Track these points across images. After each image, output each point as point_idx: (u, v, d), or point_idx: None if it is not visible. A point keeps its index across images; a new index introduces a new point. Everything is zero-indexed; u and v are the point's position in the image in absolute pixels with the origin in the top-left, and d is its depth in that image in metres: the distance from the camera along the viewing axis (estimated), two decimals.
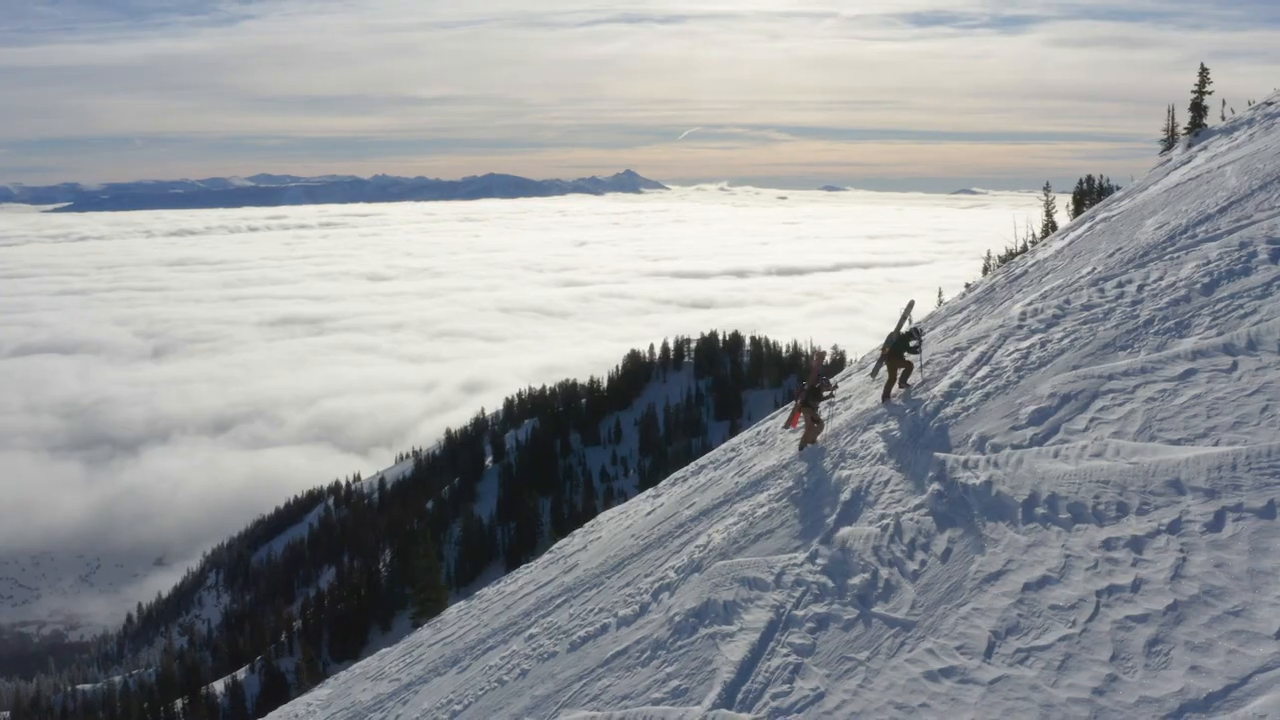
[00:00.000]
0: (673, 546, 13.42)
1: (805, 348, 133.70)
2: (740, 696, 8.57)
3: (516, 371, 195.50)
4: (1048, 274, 18.20)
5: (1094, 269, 16.03)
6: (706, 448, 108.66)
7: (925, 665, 7.72)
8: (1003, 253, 59.43)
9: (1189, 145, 26.96)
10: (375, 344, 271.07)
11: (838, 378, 20.94)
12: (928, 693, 7.38)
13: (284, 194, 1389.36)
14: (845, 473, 12.32)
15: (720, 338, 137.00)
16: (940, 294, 60.35)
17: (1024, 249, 56.52)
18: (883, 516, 10.56)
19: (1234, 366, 9.84)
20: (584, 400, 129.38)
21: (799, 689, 8.24)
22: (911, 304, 15.48)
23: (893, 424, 13.37)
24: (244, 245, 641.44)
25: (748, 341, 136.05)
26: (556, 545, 19.83)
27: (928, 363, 15.47)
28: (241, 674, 77.93)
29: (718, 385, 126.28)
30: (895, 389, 14.68)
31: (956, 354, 15.18)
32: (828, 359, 15.80)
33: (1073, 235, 21.72)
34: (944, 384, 13.78)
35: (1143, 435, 9.47)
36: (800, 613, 9.45)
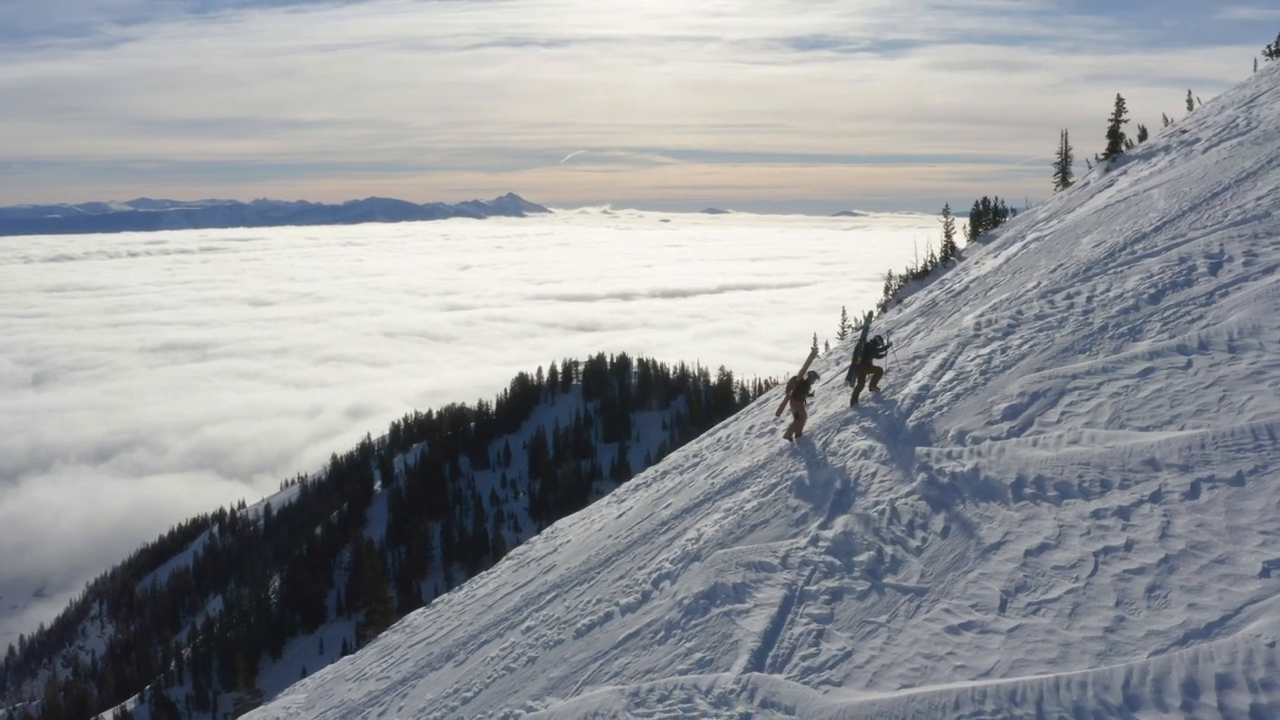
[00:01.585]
0: (660, 542, 14.54)
1: (693, 369, 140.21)
2: (769, 661, 9.73)
3: (401, 396, 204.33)
4: (991, 289, 19.98)
5: (1039, 283, 17.82)
6: (596, 470, 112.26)
7: (945, 622, 9.03)
8: (903, 273, 62.66)
9: (1107, 170, 29.43)
10: (259, 369, 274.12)
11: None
12: (951, 644, 8.68)
13: (164, 218, 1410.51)
14: (830, 468, 13.67)
15: (608, 360, 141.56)
16: (844, 313, 63.15)
17: (925, 270, 59.81)
18: (876, 503, 11.91)
19: (1189, 364, 11.50)
20: (473, 424, 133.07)
21: (826, 650, 9.46)
22: (871, 314, 17.00)
23: (868, 424, 14.80)
24: (124, 270, 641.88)
25: (635, 363, 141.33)
26: (516, 551, 20.72)
27: (888, 370, 17.00)
28: (131, 704, 79.73)
29: (606, 407, 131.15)
30: (864, 393, 16.14)
31: (917, 361, 16.74)
32: (820, 354, 17.20)
33: (1007, 254, 23.68)
34: (912, 388, 15.29)
35: (1113, 424, 11.04)
36: (813, 588, 10.68)
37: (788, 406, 16.12)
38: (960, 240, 59.84)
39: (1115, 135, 30.97)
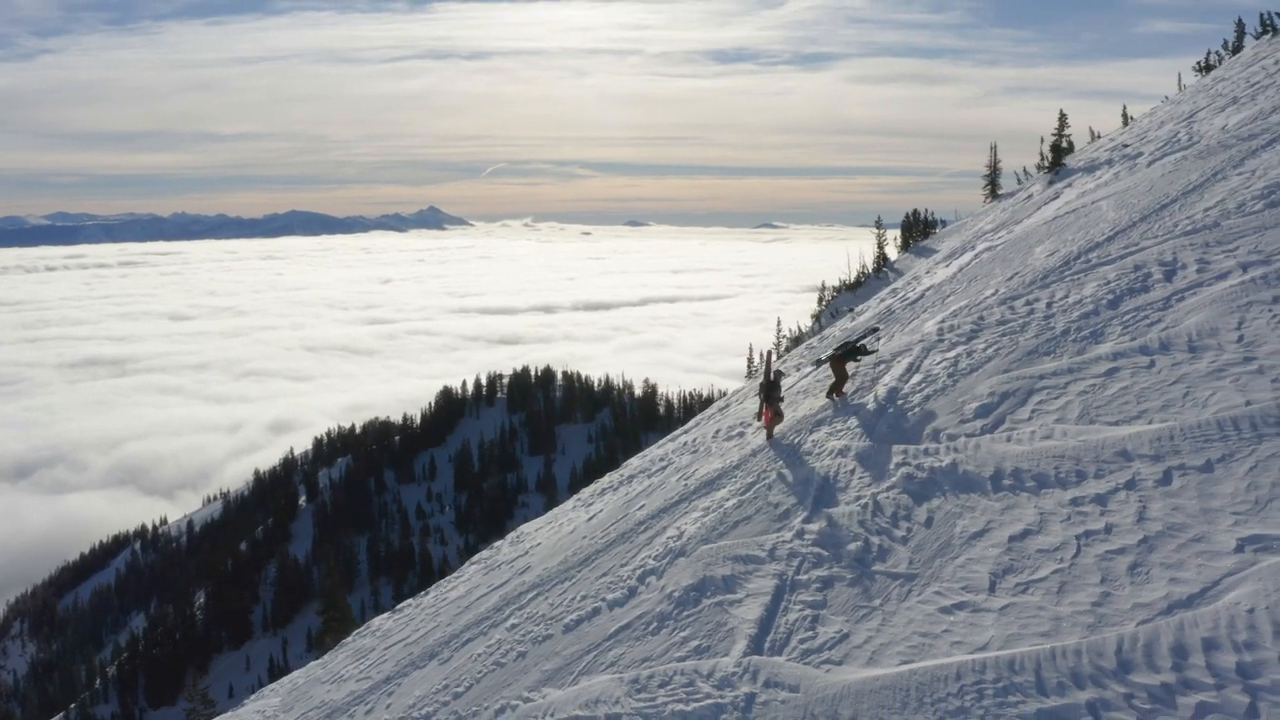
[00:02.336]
0: (639, 541, 15.10)
1: (617, 382, 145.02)
2: (767, 645, 10.34)
3: (324, 411, 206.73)
4: (948, 296, 20.92)
5: (997, 290, 18.76)
6: (522, 483, 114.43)
7: (937, 603, 9.73)
8: (836, 284, 64.47)
9: (1050, 182, 30.77)
10: (179, 385, 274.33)
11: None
12: (946, 622, 9.38)
13: (81, 232, 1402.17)
14: (807, 467, 14.37)
15: (533, 373, 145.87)
16: (779, 324, 64.63)
17: (858, 281, 61.67)
18: (858, 498, 12.62)
19: (1152, 364, 12.41)
20: (397, 438, 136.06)
21: (823, 633, 10.10)
22: (878, 329, 17.91)
23: (840, 425, 15.54)
24: (42, 285, 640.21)
25: (560, 376, 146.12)
26: (480, 555, 21.11)
27: (853, 375, 17.78)
28: None
29: (531, 420, 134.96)
30: (834, 394, 16.93)
31: (882, 366, 17.54)
32: (775, 356, 17.92)
33: (959, 263, 24.71)
34: (880, 390, 16.06)
35: (1083, 420, 11.88)
36: (803, 577, 11.34)
37: (763, 409, 16.81)
38: (892, 252, 61.90)
39: (1057, 149, 32.37)
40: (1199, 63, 45.86)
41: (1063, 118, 34.04)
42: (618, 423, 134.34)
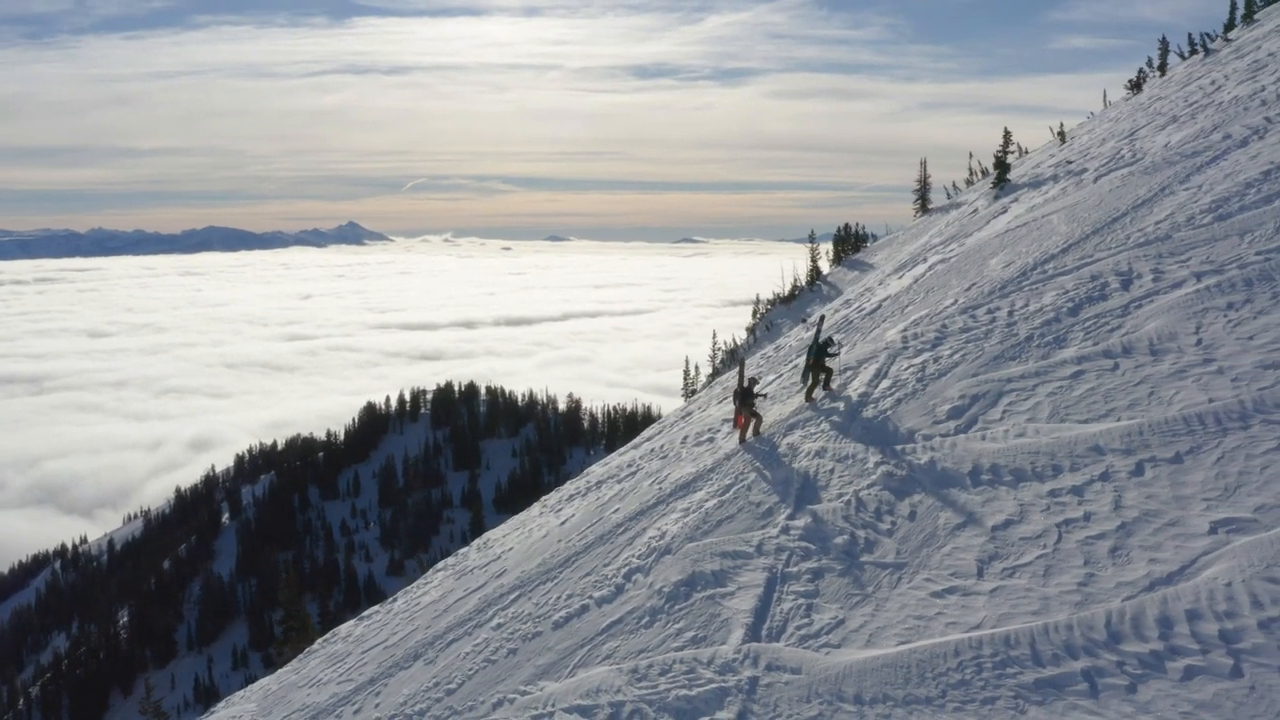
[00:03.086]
0: (620, 542, 15.64)
1: (541, 397, 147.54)
2: (764, 633, 10.97)
3: (245, 427, 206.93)
4: (907, 306, 21.84)
5: (956, 300, 19.71)
6: (447, 498, 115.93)
7: (928, 589, 10.45)
8: (770, 297, 65.99)
9: (996, 197, 32.03)
10: (98, 402, 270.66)
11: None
12: (938, 606, 10.10)
13: None
14: (786, 468, 15.06)
15: (456, 388, 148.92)
16: (714, 336, 65.79)
17: (792, 294, 63.15)
18: (840, 495, 13.34)
19: (1116, 366, 13.33)
20: (321, 454, 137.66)
21: (819, 620, 10.76)
22: (823, 317, 18.65)
23: (814, 428, 16.27)
24: None
25: (483, 391, 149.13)
26: (445, 562, 21.50)
27: (839, 371, 18.55)
28: None
29: (455, 435, 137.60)
30: (818, 391, 17.68)
31: (849, 372, 18.34)
32: (744, 361, 18.74)
33: (913, 274, 25.71)
34: (851, 395, 16.85)
35: (1054, 419, 12.74)
36: (794, 569, 12.00)
37: (738, 414, 17.50)
38: (823, 265, 63.49)
39: (1002, 165, 33.67)
40: (1130, 81, 47.92)
41: (1007, 135, 35.45)
42: (542, 437, 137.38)
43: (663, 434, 23.44)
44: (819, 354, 17.63)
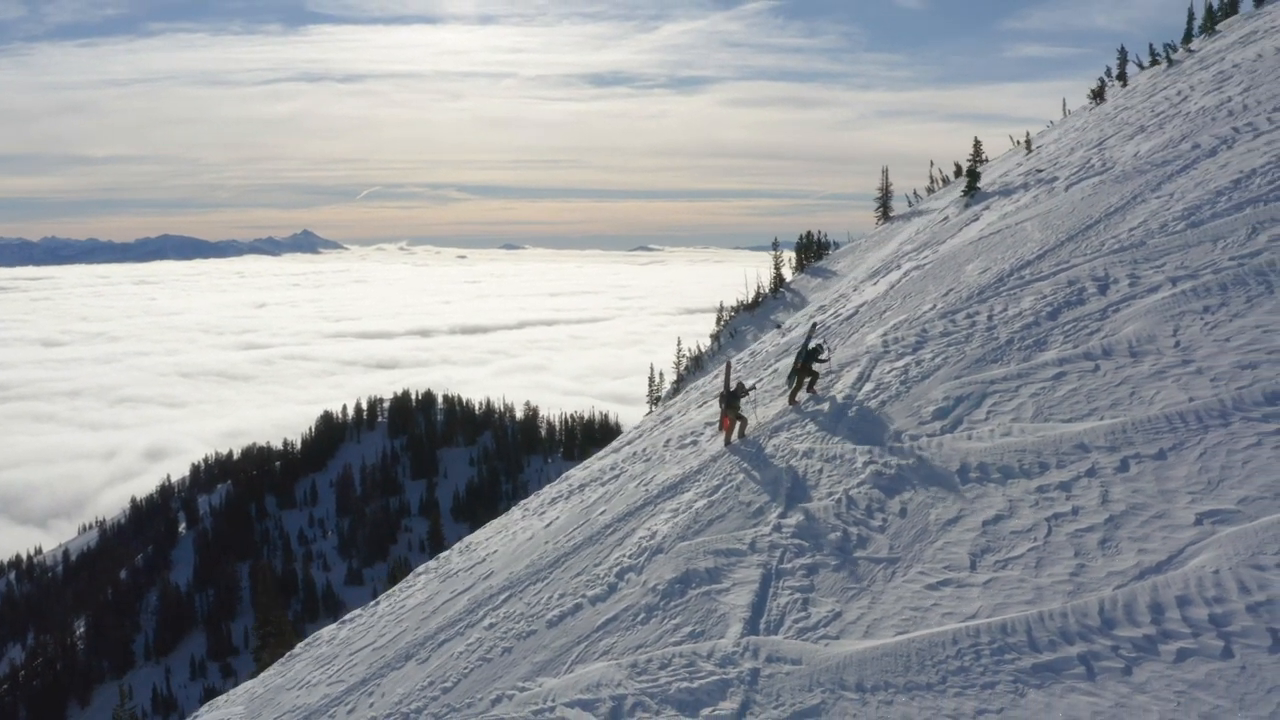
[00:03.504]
0: (609, 542, 15.94)
1: (498, 405, 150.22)
2: (763, 626, 11.33)
3: (200, 437, 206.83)
4: (885, 312, 22.33)
5: (934, 305, 20.21)
6: (405, 507, 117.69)
7: (923, 582, 10.86)
8: (735, 304, 66.86)
9: (967, 205, 32.71)
10: (52, 412, 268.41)
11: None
12: (934, 597, 10.50)
13: None
14: (775, 469, 15.44)
15: (413, 397, 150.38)
16: (679, 343, 66.50)
17: (756, 300, 63.97)
18: (830, 493, 13.73)
19: (1097, 368, 13.84)
20: (278, 463, 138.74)
21: (816, 613, 11.13)
22: (815, 324, 19.08)
23: (800, 430, 16.67)
24: None
25: (441, 400, 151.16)
26: (427, 565, 21.68)
27: (824, 375, 18.97)
28: None
29: (412, 444, 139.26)
30: (802, 394, 18.10)
31: (831, 376, 18.78)
32: (730, 365, 19.15)
33: (889, 280, 26.25)
34: (836, 398, 17.27)
35: (1038, 419, 13.22)
36: (788, 566, 12.37)
37: (724, 417, 17.88)
38: (786, 273, 64.40)
39: (973, 174, 34.40)
40: (1092, 90, 49.07)
41: (977, 144, 36.23)
42: (500, 445, 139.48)
43: (643, 438, 23.76)
44: (808, 358, 18.05)
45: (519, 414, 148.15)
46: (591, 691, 11.39)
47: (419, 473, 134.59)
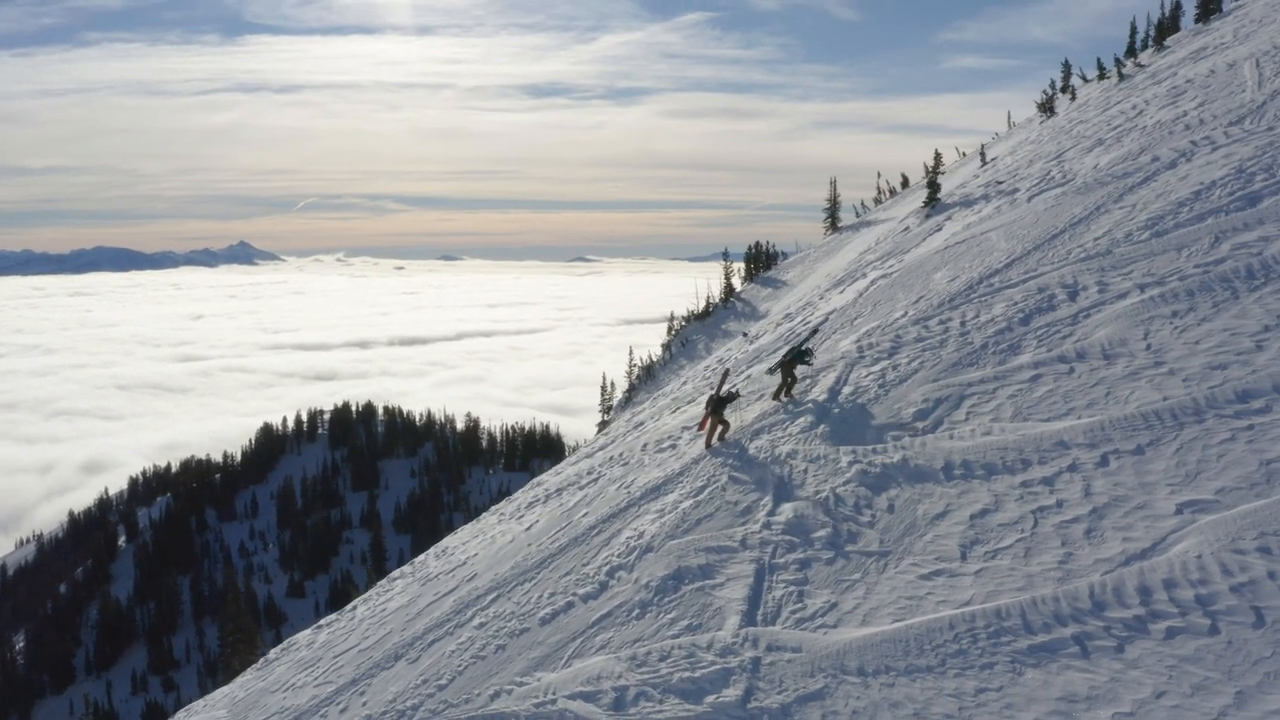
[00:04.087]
0: (596, 543, 16.34)
1: (439, 416, 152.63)
2: (760, 618, 11.82)
3: (138, 450, 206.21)
4: (856, 319, 22.99)
5: (906, 312, 20.88)
6: (346, 519, 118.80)
7: (915, 572, 11.43)
8: (685, 314, 67.86)
9: (928, 215, 33.61)
10: None
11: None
12: (927, 587, 11.07)
13: None
14: (760, 469, 15.96)
15: (354, 409, 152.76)
16: (630, 352, 67.28)
17: (707, 310, 64.98)
18: (817, 492, 14.28)
19: (1071, 370, 14.54)
20: (218, 476, 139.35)
21: (812, 605, 11.65)
22: (817, 329, 19.85)
23: (780, 432, 17.21)
24: None
25: (381, 411, 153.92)
26: (401, 570, 21.94)
27: (802, 378, 19.56)
28: None
29: (353, 456, 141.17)
30: (783, 396, 18.69)
31: (808, 380, 19.36)
32: (729, 371, 19.68)
33: (856, 289, 26.96)
34: (814, 402, 17.84)
35: (1018, 418, 13.88)
36: (780, 560, 12.88)
37: (709, 421, 18.38)
38: (737, 282, 65.46)
39: (934, 185, 35.30)
40: (1041, 103, 50.53)
41: (938, 156, 37.15)
42: (441, 457, 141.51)
43: (616, 443, 24.20)
44: (796, 357, 18.63)
45: (460, 425, 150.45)
46: (592, 684, 11.79)
47: (360, 484, 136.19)
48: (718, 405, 18.15)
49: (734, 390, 19.19)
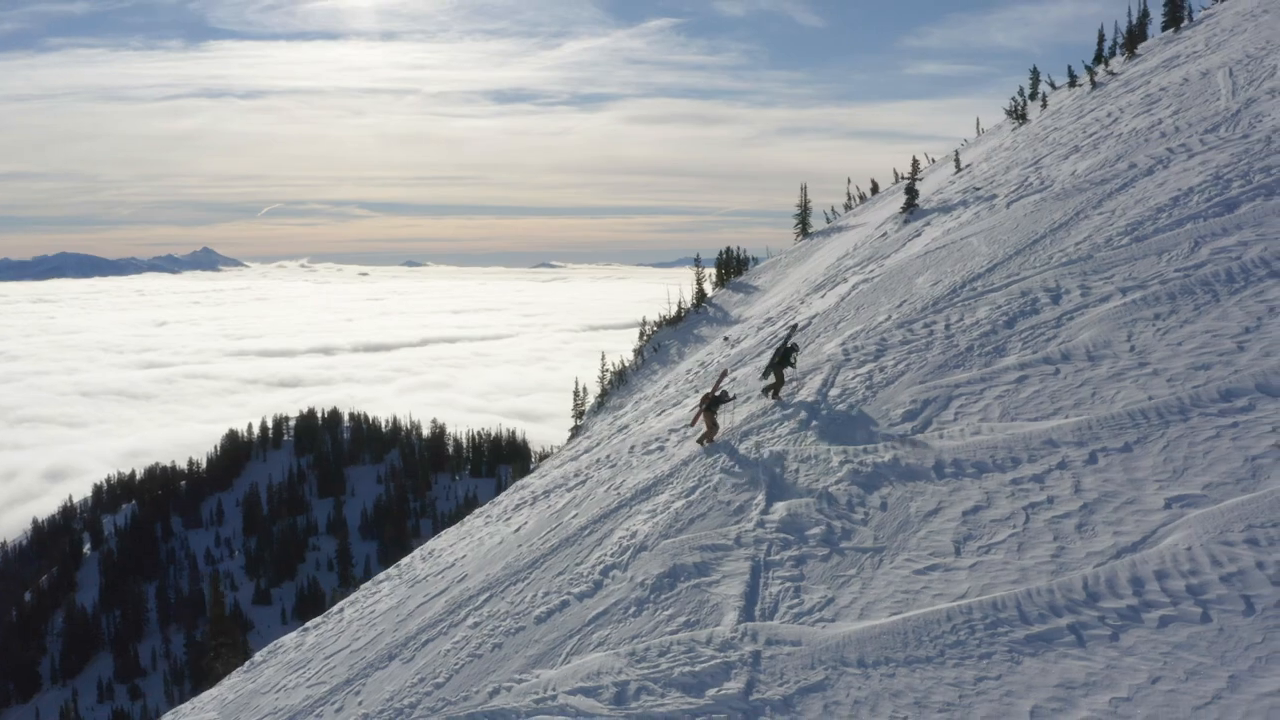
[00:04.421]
0: (588, 543, 16.61)
1: (405, 423, 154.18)
2: (758, 613, 12.10)
3: (102, 457, 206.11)
4: (839, 323, 23.37)
5: (890, 316, 21.29)
6: (312, 525, 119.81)
7: (910, 568, 11.74)
8: (657, 319, 68.39)
9: (906, 221, 34.11)
10: None
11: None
12: (923, 581, 11.39)
13: None
14: (751, 470, 16.26)
15: (319, 415, 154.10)
16: (603, 358, 67.78)
17: (679, 315, 65.53)
18: (810, 490, 14.59)
19: (1057, 371, 14.94)
20: (183, 483, 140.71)
21: (809, 600, 11.95)
22: (796, 325, 20.20)
23: (768, 434, 17.53)
24: None
25: (347, 418, 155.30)
26: (385, 573, 22.08)
27: (790, 380, 19.90)
28: None
29: (319, 462, 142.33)
30: (775, 395, 19.05)
31: (794, 383, 19.71)
32: (727, 372, 20.10)
33: (837, 293, 27.35)
34: (803, 404, 18.18)
35: (1006, 418, 14.26)
36: (776, 558, 13.18)
37: (701, 419, 18.69)
38: (708, 288, 66.03)
39: (911, 191, 35.82)
40: (1014, 111, 51.34)
41: (915, 163, 37.69)
42: (407, 463, 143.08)
43: (601, 446, 24.46)
44: (784, 356, 18.97)
45: (426, 431, 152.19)
46: (592, 679, 12.02)
47: (326, 491, 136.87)
48: (712, 404, 18.45)
49: (726, 392, 19.49)
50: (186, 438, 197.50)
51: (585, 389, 71.62)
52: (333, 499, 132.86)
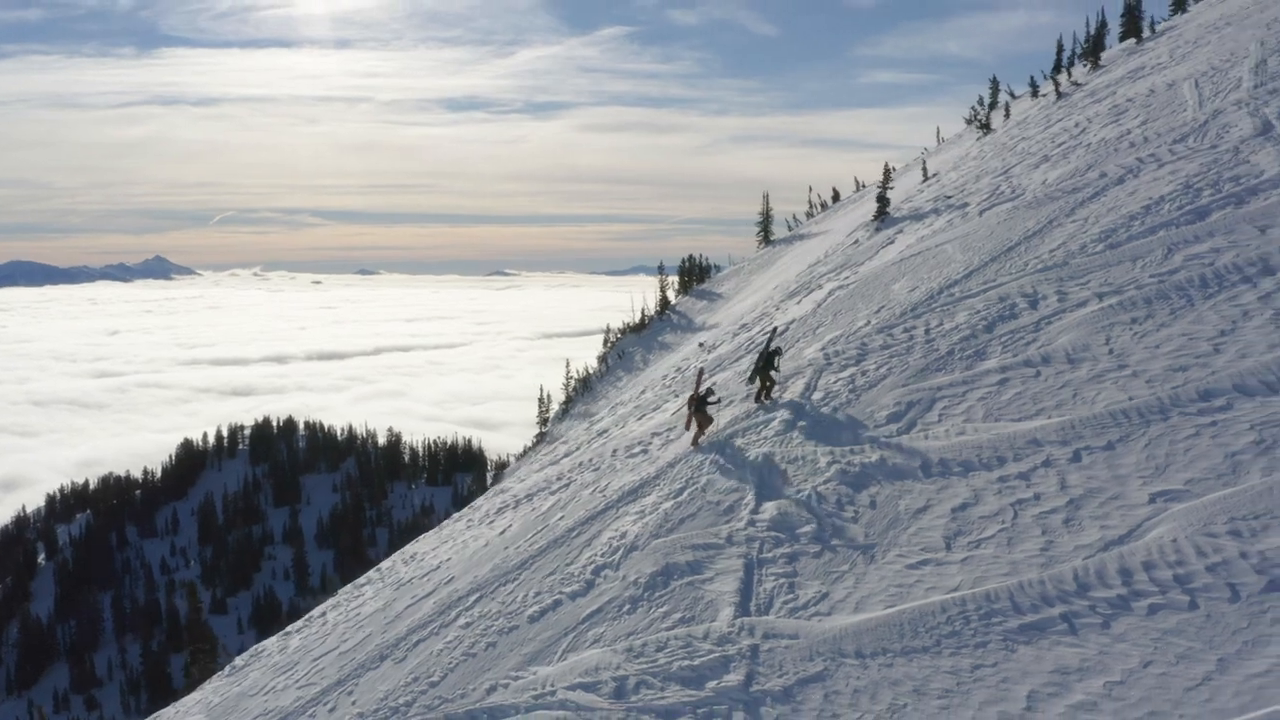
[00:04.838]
0: (577, 544, 16.89)
1: (360, 431, 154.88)
2: (753, 608, 12.45)
3: (54, 467, 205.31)
4: (818, 328, 23.82)
5: (869, 321, 21.76)
6: (268, 534, 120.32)
7: (902, 563, 12.14)
8: (621, 326, 69.00)
9: (878, 229, 34.71)
10: None
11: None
12: (915, 575, 11.79)
13: None
14: (739, 471, 16.63)
15: (274, 424, 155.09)
16: (568, 365, 68.20)
17: (643, 322, 66.07)
18: (799, 490, 14.98)
19: (1038, 374, 15.44)
20: (138, 492, 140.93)
21: (804, 595, 12.31)
22: (775, 328, 20.59)
23: (754, 436, 17.91)
24: None
25: (302, 427, 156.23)
26: (367, 577, 22.23)
27: (778, 380, 20.29)
28: None
29: (275, 471, 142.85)
30: (764, 399, 19.43)
31: (777, 387, 20.11)
32: (705, 373, 20.44)
33: (813, 299, 27.84)
34: (786, 408, 18.58)
35: (989, 419, 14.73)
36: (768, 555, 13.54)
37: (692, 420, 19.05)
38: (671, 295, 66.69)
39: (883, 200, 36.43)
40: (979, 121, 52.25)
41: (887, 171, 38.34)
42: (363, 472, 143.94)
43: (582, 449, 24.74)
44: (768, 360, 19.37)
45: (381, 440, 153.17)
46: (591, 675, 12.30)
47: (282, 500, 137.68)
48: (700, 404, 18.81)
49: (710, 389, 19.84)
50: (140, 447, 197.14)
51: (550, 396, 71.90)
52: (288, 508, 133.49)
